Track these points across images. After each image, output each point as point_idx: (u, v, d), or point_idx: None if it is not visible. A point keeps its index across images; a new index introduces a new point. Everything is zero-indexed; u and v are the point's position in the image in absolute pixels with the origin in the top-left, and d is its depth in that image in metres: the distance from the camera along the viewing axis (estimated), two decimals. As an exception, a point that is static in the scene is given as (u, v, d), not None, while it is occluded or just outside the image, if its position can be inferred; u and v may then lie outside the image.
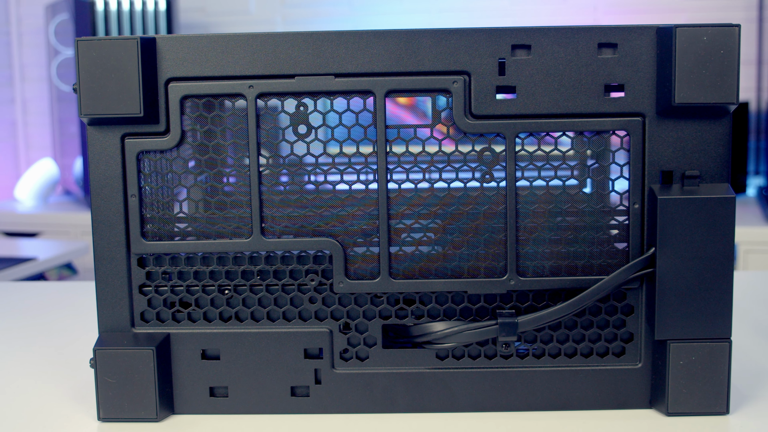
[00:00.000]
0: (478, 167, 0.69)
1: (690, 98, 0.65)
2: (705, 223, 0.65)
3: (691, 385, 0.68)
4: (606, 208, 0.69)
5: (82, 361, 0.84)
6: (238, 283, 0.71)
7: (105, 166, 0.69)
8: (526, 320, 0.68)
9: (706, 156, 0.67)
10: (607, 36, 0.67)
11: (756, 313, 0.99)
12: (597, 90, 0.67)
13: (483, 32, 0.67)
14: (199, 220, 0.70)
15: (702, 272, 0.66)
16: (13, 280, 2.01)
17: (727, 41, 0.64)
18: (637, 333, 0.70)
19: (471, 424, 0.68)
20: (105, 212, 0.69)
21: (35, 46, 3.28)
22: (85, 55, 0.66)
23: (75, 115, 2.82)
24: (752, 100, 2.79)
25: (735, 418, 0.68)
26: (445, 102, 0.68)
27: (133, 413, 0.69)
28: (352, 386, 0.70)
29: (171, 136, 0.68)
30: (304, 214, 0.70)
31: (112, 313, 0.70)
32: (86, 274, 2.48)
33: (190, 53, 0.67)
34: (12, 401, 0.75)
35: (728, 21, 0.68)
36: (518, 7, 2.95)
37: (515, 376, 0.70)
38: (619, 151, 0.68)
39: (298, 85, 0.68)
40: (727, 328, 0.67)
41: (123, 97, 0.66)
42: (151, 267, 0.70)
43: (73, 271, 2.40)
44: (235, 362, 0.70)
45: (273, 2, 3.13)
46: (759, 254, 2.31)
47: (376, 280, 0.69)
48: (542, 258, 0.69)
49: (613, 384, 0.70)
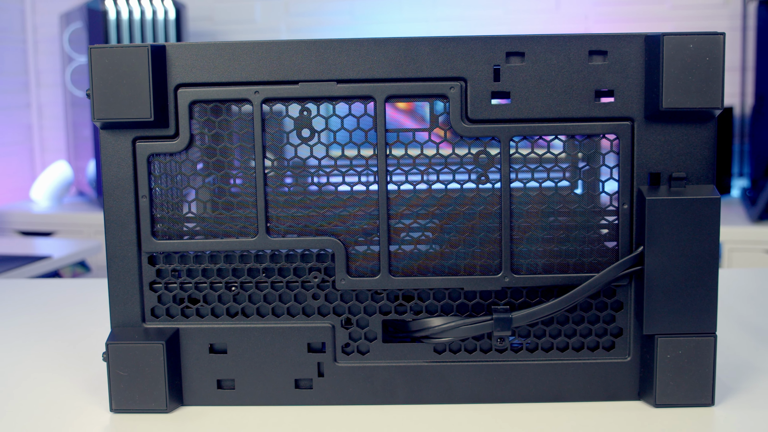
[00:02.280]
0: (474, 169, 0.69)
1: (677, 103, 0.65)
2: (691, 223, 0.65)
3: (677, 377, 0.68)
4: (596, 209, 0.69)
5: (95, 355, 0.84)
6: (245, 280, 0.70)
7: (117, 168, 0.69)
8: (520, 316, 0.68)
9: (692, 158, 0.67)
10: (598, 44, 0.67)
11: (740, 309, 0.99)
12: (588, 95, 0.67)
13: (479, 40, 0.67)
14: (206, 220, 0.70)
15: (688, 270, 0.66)
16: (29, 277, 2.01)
17: (713, 49, 0.64)
18: (626, 328, 0.70)
19: (467, 415, 0.68)
20: (117, 212, 0.69)
21: (50, 54, 3.28)
22: (97, 61, 0.66)
23: (88, 120, 2.82)
24: (736, 105, 2.78)
25: (720, 410, 0.68)
26: (443, 107, 0.68)
27: (144, 405, 0.69)
28: (353, 379, 0.70)
29: (180, 139, 0.68)
30: (308, 214, 0.70)
31: (124, 309, 0.70)
32: (99, 272, 2.48)
33: (199, 60, 0.67)
34: (28, 393, 0.75)
35: (713, 30, 0.68)
36: (512, 16, 2.95)
37: (510, 370, 0.70)
38: (609, 154, 0.68)
39: (302, 90, 0.68)
40: (713, 323, 0.67)
41: (134, 102, 0.66)
42: (161, 265, 0.70)
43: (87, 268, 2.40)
44: (241, 356, 0.70)
45: (278, 11, 3.13)
46: (743, 252, 2.31)
47: (376, 278, 0.69)
48: (535, 256, 0.69)
49: (603, 377, 0.70)
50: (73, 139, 3.02)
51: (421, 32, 2.98)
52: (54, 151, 3.33)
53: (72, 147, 3.06)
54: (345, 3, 3.06)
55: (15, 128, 3.23)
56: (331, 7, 3.07)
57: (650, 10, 2.85)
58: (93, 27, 2.68)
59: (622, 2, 2.87)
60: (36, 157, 3.34)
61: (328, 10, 3.08)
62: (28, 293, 1.17)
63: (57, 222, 2.85)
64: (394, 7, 3.03)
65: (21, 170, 3.27)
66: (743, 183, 2.79)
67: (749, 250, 2.31)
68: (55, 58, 3.25)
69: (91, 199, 2.98)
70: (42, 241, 2.46)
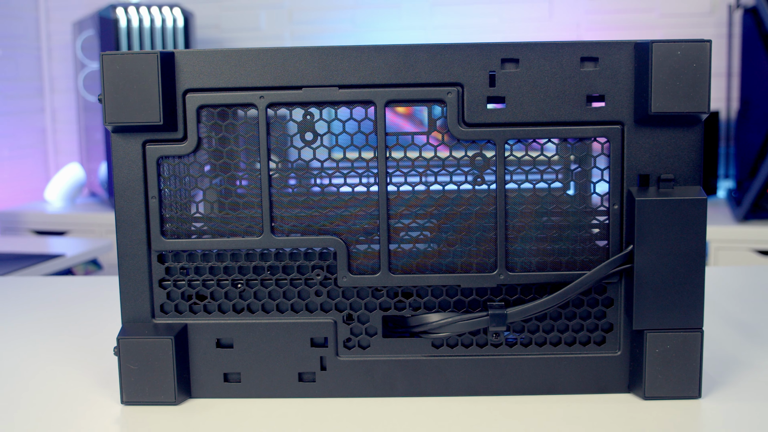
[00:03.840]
0: (470, 171, 0.69)
1: (665, 108, 0.65)
2: (679, 223, 0.65)
3: (666, 371, 0.68)
4: (588, 209, 0.69)
5: (106, 350, 0.84)
6: (250, 278, 0.70)
7: (127, 170, 0.69)
8: (514, 312, 0.68)
9: (680, 161, 0.67)
10: (589, 51, 0.67)
11: (726, 306, 0.99)
12: (579, 100, 0.67)
13: (475, 47, 0.67)
14: (214, 220, 0.70)
15: (676, 268, 0.66)
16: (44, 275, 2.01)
17: (699, 55, 0.64)
18: (617, 323, 0.70)
19: (464, 407, 0.68)
20: (127, 212, 0.69)
21: (63, 60, 3.28)
22: (109, 68, 0.66)
23: (100, 123, 2.82)
24: (722, 109, 2.78)
25: (706, 402, 0.68)
26: (440, 111, 0.68)
27: (154, 397, 0.69)
28: (354, 372, 0.70)
29: (188, 142, 0.68)
30: (311, 214, 0.70)
31: (134, 305, 0.70)
32: (110, 270, 2.48)
33: (206, 66, 0.67)
34: (42, 386, 0.75)
35: (700, 37, 0.68)
36: (507, 25, 2.95)
37: (504, 363, 0.70)
38: (600, 157, 0.68)
39: (305, 95, 0.68)
40: (700, 319, 0.67)
41: (144, 106, 0.66)
42: (169, 263, 0.70)
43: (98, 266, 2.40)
44: (247, 350, 0.70)
45: (282, 19, 3.13)
46: (728, 251, 2.31)
47: (376, 275, 0.69)
48: (529, 254, 0.69)
49: (594, 370, 0.70)
50: (86, 142, 3.02)
51: (420, 40, 2.98)
52: (67, 154, 3.33)
53: (84, 150, 3.06)
54: (346, 11, 3.06)
55: (30, 132, 3.23)
56: (333, 16, 3.07)
57: (640, 18, 2.85)
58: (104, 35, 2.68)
59: (612, 11, 2.87)
60: (50, 160, 3.34)
61: (330, 18, 3.08)
62: (42, 290, 1.17)
63: (70, 222, 2.85)
64: (393, 16, 3.02)
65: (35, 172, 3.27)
66: (729, 184, 2.79)
67: (735, 249, 2.31)
68: (68, 65, 3.25)
69: (103, 199, 2.98)
70: (55, 240, 2.46)
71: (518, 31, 2.93)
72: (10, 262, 2.04)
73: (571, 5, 2.89)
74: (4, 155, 3.08)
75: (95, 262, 2.38)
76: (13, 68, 3.12)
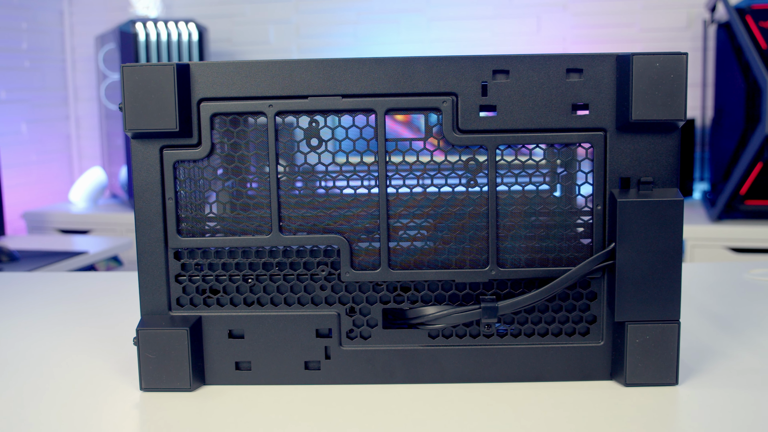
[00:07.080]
0: (464, 174, 0.69)
1: (645, 115, 0.65)
2: (657, 222, 0.65)
3: (645, 360, 0.68)
4: (573, 210, 0.69)
5: (126, 340, 0.84)
6: (260, 273, 0.70)
7: (146, 174, 0.68)
8: (505, 305, 0.68)
9: (659, 165, 0.67)
10: (574, 62, 0.67)
11: (701, 299, 0.99)
12: (565, 108, 0.67)
13: (468, 59, 0.67)
14: (226, 220, 0.70)
15: (655, 264, 0.66)
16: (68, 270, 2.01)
17: (677, 67, 0.64)
18: (600, 315, 0.70)
19: (458, 393, 0.68)
20: (146, 213, 0.69)
21: (87, 71, 3.27)
22: (129, 78, 0.66)
23: (121, 130, 2.82)
24: (698, 117, 2.78)
25: (683, 388, 0.68)
26: (436, 119, 0.68)
27: (170, 384, 0.69)
28: (356, 361, 0.70)
29: (202, 147, 0.68)
30: (316, 214, 0.70)
31: (152, 299, 0.70)
32: (130, 266, 2.48)
33: (219, 77, 0.67)
34: (67, 373, 0.75)
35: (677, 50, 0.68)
36: (498, 38, 2.95)
37: (496, 353, 0.70)
38: (585, 161, 0.68)
39: (311, 104, 0.68)
40: (677, 311, 0.67)
41: (161, 114, 0.66)
42: (185, 259, 0.70)
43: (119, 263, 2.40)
44: (257, 340, 0.70)
45: (289, 33, 3.13)
46: (703, 249, 2.31)
47: (377, 271, 0.69)
48: (519, 252, 0.69)
49: (579, 359, 0.70)
50: (107, 147, 3.02)
51: (417, 52, 2.98)
52: (90, 158, 3.33)
53: (106, 154, 3.06)
54: (349, 26, 3.06)
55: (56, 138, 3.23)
56: (337, 30, 3.07)
57: (621, 32, 2.85)
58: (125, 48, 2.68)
59: (596, 25, 2.87)
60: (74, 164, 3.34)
61: (335, 33, 3.08)
62: (66, 285, 1.17)
63: (93, 221, 2.85)
64: (392, 30, 3.02)
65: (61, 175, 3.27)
66: (704, 187, 2.79)
67: (709, 247, 2.31)
68: (91, 76, 3.25)
69: (123, 200, 2.98)
70: (79, 239, 2.46)
71: (509, 45, 2.93)
72: (38, 259, 2.04)
73: (558, 20, 2.89)
74: (32, 160, 3.08)
75: (116, 259, 2.38)
76: (40, 79, 3.12)
